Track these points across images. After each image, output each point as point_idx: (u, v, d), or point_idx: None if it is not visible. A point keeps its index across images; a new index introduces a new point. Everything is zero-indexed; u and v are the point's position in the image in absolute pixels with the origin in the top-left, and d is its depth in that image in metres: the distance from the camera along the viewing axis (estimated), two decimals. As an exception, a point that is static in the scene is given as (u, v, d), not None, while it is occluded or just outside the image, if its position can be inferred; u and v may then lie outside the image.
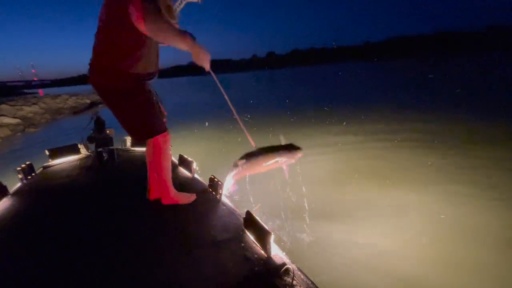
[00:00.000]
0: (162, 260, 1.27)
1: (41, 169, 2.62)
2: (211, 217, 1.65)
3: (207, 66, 1.45)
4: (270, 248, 1.25)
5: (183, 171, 2.39)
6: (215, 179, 1.92)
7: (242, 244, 1.35)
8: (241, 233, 1.44)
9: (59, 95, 22.00)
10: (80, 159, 2.83)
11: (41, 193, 2.08)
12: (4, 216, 1.74)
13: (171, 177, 1.73)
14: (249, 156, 1.49)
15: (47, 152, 2.81)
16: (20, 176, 2.31)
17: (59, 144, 3.05)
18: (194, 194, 1.83)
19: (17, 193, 2.08)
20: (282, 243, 1.34)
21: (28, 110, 15.40)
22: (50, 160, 2.79)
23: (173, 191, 1.74)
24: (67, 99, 20.37)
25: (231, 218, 1.61)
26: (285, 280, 1.09)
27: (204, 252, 1.31)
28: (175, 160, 2.56)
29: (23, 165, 2.37)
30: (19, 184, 2.25)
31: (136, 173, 1.70)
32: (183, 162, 2.44)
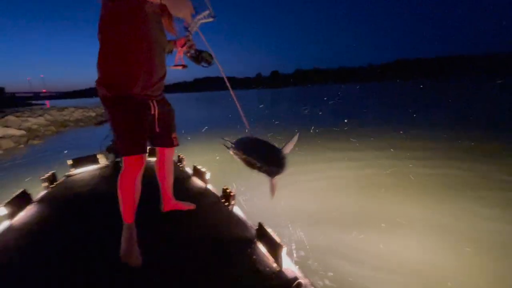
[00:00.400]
0: (173, 271, 1.28)
1: (64, 177, 2.70)
2: (223, 228, 1.65)
3: (187, 15, 1.23)
4: (282, 261, 1.25)
5: (196, 181, 2.42)
6: (228, 190, 1.94)
7: (254, 257, 1.33)
8: (253, 245, 1.42)
9: (66, 108, 22.26)
10: (100, 169, 2.92)
11: (63, 201, 2.17)
12: (29, 222, 1.82)
13: (130, 205, 1.43)
14: (238, 145, 1.17)
15: (69, 162, 2.91)
16: (44, 184, 2.40)
17: (59, 156, 3.14)
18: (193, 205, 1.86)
19: (41, 200, 2.16)
20: (294, 256, 1.27)
21: (33, 121, 15.52)
22: (72, 169, 2.88)
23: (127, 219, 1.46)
24: (73, 112, 20.56)
25: (243, 230, 1.60)
26: None
27: (216, 263, 1.31)
28: (190, 170, 2.62)
29: (47, 174, 2.47)
30: (43, 192, 2.32)
31: (151, 183, 1.70)
32: (197, 172, 2.48)
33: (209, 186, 2.26)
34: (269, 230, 1.38)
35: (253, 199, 3.22)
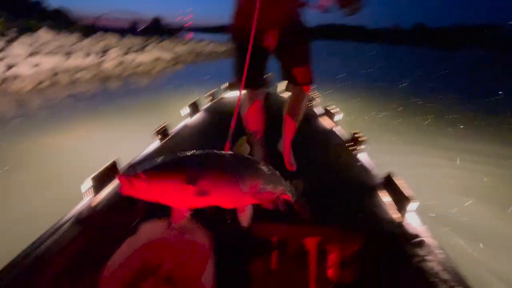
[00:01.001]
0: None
1: (220, 98, 3.25)
2: (346, 171, 1.59)
3: None
4: (408, 215, 1.17)
5: (325, 121, 2.42)
6: (357, 135, 1.85)
7: (376, 204, 1.28)
8: (377, 193, 1.35)
9: (202, 40, 25.16)
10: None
11: (218, 115, 2.62)
12: (194, 127, 2.30)
13: (253, 128, 1.57)
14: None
15: (225, 85, 3.48)
16: (207, 100, 3.01)
17: (197, 80, 3.49)
18: None
19: (204, 111, 2.71)
20: (425, 215, 1.15)
21: (179, 49, 18.44)
22: (227, 90, 3.44)
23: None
24: (207, 45, 23.16)
25: (367, 176, 1.53)
26: (418, 251, 1.01)
27: (334, 208, 1.27)
28: (321, 110, 2.66)
29: (211, 91, 3.08)
30: (207, 105, 2.91)
31: (277, 118, 1.67)
32: (327, 112, 2.48)
33: (338, 128, 2.20)
34: (400, 181, 1.28)
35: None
